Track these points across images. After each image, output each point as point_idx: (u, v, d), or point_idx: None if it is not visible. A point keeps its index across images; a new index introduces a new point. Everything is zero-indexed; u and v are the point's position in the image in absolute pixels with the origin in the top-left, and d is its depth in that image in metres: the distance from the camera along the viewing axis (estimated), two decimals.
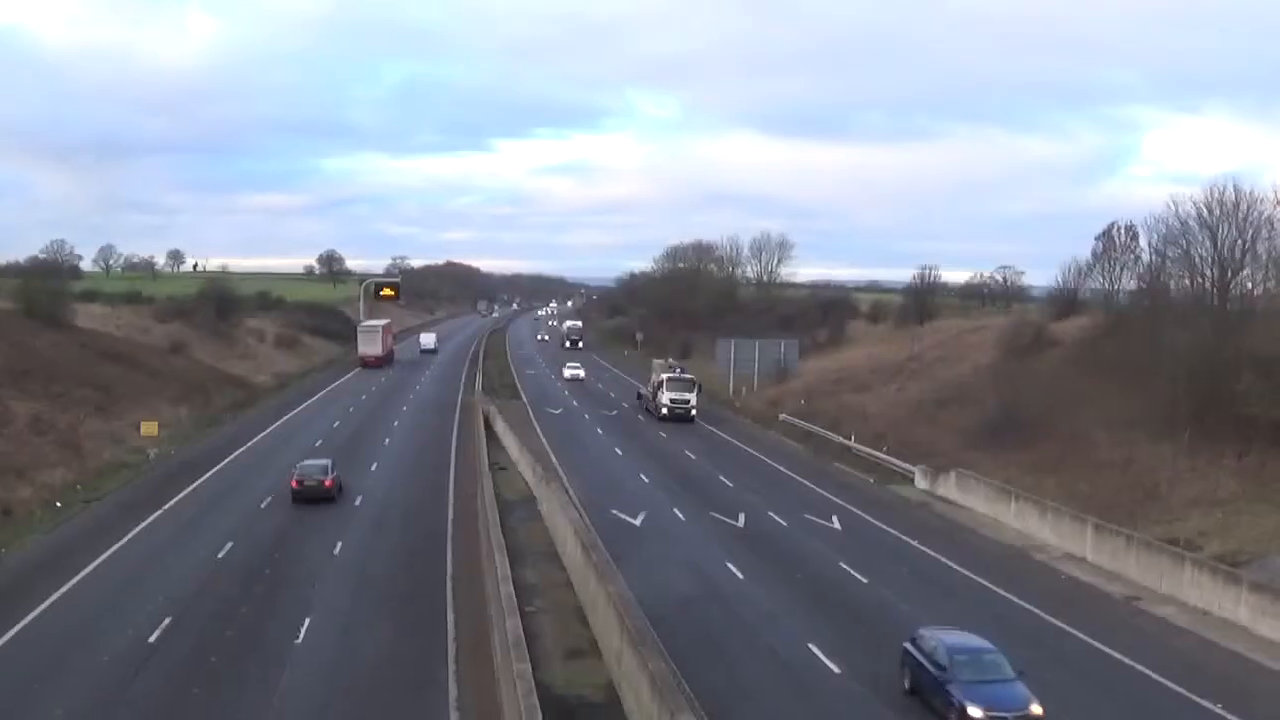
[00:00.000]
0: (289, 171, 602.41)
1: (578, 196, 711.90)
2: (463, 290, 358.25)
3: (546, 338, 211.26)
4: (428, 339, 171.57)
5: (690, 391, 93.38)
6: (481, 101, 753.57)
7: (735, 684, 31.32)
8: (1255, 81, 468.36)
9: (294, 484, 54.31)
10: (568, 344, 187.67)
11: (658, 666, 25.54)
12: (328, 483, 54.51)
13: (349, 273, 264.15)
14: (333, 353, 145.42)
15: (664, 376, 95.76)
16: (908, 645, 31.19)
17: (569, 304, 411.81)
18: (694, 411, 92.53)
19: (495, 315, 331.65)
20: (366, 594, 39.47)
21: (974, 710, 27.73)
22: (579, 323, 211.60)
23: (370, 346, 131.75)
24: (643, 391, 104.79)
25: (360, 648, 33.56)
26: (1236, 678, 33.46)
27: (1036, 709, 27.86)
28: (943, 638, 30.50)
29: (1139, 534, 46.31)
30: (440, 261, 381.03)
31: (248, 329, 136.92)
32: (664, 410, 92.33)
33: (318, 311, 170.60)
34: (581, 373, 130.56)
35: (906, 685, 30.81)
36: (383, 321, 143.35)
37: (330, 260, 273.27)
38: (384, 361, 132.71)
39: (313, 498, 53.80)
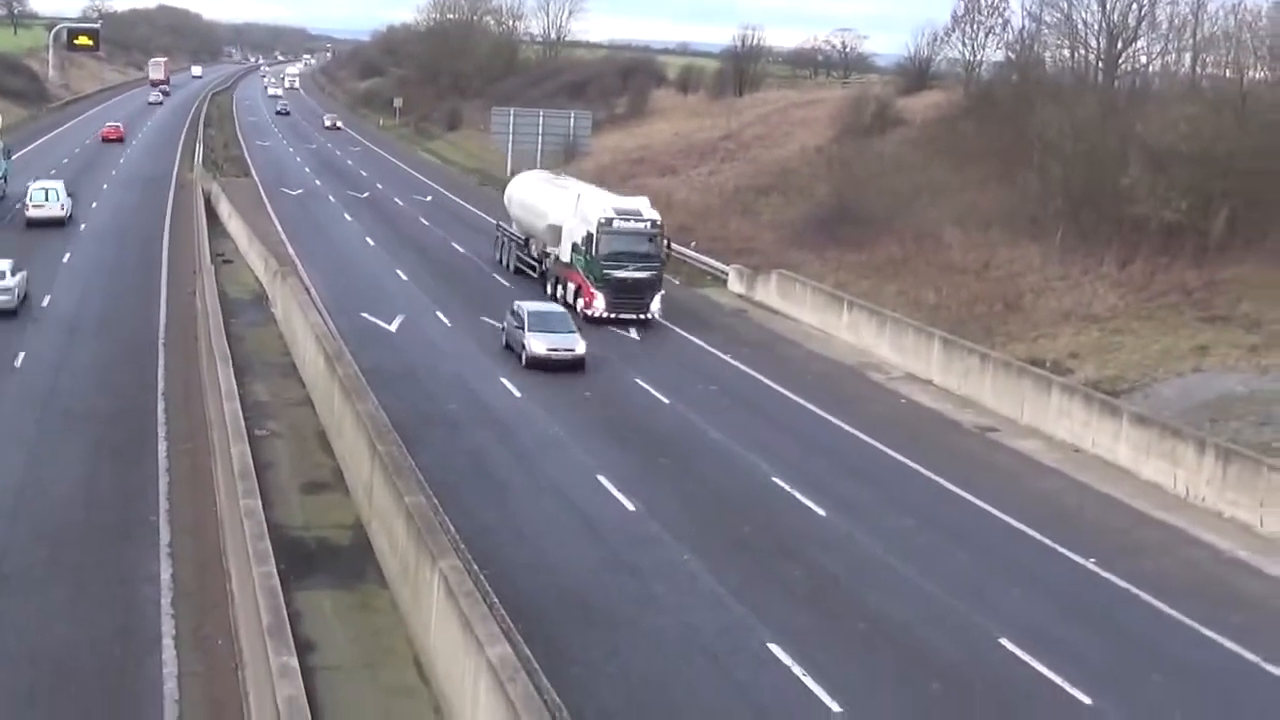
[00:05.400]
0: None
1: None
2: (180, 41, 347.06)
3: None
4: (197, 69, 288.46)
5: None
6: None
7: (510, 524, 31.42)
8: None
9: None
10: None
11: (416, 501, 25.41)
12: None
13: (34, 16, 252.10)
14: (15, 116, 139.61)
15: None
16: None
17: (309, 60, 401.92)
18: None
19: (263, 63, 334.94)
20: (56, 417, 38.20)
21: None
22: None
23: (157, 73, 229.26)
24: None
25: (49, 483, 32.56)
26: (1115, 528, 33.81)
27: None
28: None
29: (996, 353, 47.15)
30: (151, 6, 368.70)
31: None
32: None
33: None
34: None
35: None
36: (164, 59, 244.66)
37: None
38: (165, 82, 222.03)
39: None
